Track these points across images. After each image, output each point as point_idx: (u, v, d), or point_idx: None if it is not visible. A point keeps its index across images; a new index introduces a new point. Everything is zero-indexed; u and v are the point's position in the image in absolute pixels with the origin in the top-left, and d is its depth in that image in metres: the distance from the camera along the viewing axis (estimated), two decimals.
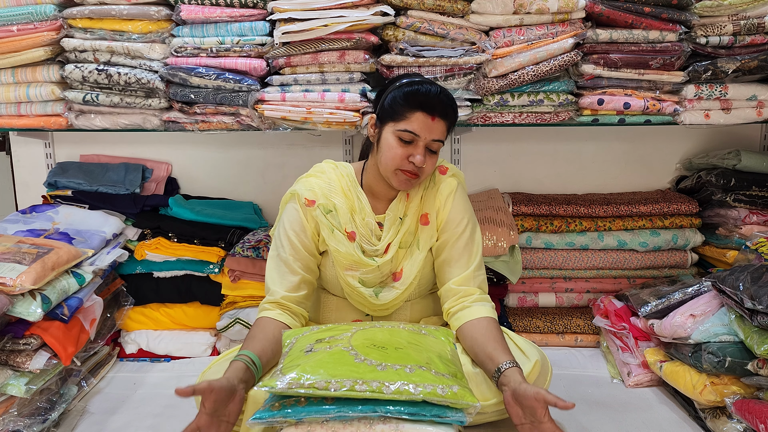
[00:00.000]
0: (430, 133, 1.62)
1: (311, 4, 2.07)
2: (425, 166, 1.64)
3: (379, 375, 1.24)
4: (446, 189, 1.73)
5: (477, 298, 1.66)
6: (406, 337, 1.44)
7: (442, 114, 1.62)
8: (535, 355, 1.61)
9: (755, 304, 1.67)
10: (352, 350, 1.32)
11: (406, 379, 1.23)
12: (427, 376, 1.26)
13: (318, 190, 1.71)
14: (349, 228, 1.71)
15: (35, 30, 2.15)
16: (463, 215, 1.73)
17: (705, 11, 2.15)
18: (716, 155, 2.52)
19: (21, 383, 1.78)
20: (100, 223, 2.27)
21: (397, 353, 1.34)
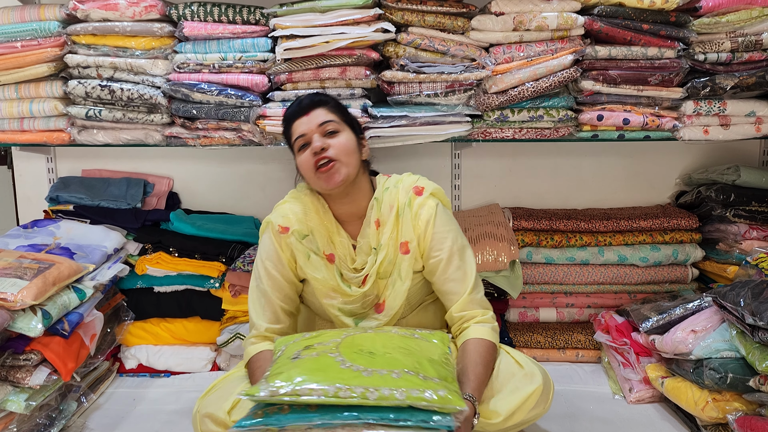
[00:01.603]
0: (311, 123, 1.67)
1: (313, 21, 2.09)
2: (332, 148, 1.65)
3: (364, 381, 1.22)
4: (425, 214, 1.69)
5: (478, 320, 1.66)
6: (396, 341, 1.43)
7: (311, 106, 1.70)
8: (539, 378, 1.59)
9: (756, 320, 1.67)
10: (338, 356, 1.31)
11: (392, 385, 1.21)
12: (415, 380, 1.24)
13: (292, 216, 1.72)
14: (327, 250, 1.71)
15: (39, 46, 2.17)
16: (447, 237, 1.69)
17: (703, 28, 2.16)
18: (716, 170, 2.53)
19: (21, 399, 1.77)
20: (101, 238, 2.28)
21: (384, 358, 1.32)
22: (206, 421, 1.57)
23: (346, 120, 1.72)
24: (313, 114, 1.68)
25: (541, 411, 1.62)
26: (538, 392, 1.56)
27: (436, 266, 1.70)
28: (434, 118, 2.21)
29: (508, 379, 1.60)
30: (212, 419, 1.56)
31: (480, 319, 1.67)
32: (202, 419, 1.57)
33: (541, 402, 1.59)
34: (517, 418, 1.56)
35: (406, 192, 1.72)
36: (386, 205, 1.72)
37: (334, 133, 1.67)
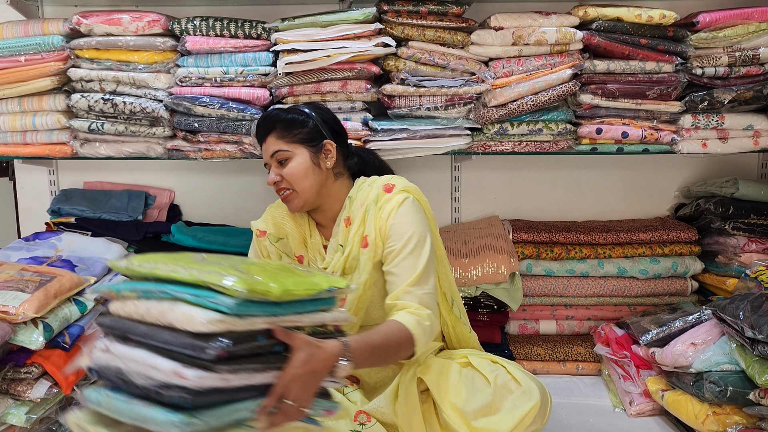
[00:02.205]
0: (267, 152, 1.73)
1: (314, 35, 2.11)
2: (286, 178, 1.70)
3: (200, 266, 1.20)
4: (388, 207, 1.67)
5: (408, 311, 1.55)
6: (276, 265, 1.45)
7: (264, 133, 1.73)
8: (536, 395, 1.57)
9: (756, 333, 1.67)
10: (203, 259, 1.30)
11: (204, 268, 1.18)
12: (229, 270, 1.17)
13: (271, 220, 1.83)
14: (298, 252, 1.79)
15: (42, 60, 2.18)
16: (407, 229, 1.64)
17: (700, 43, 2.19)
18: (714, 183, 2.54)
19: (21, 412, 1.77)
20: (102, 250, 2.28)
21: (241, 264, 1.29)
22: None
23: (297, 139, 1.70)
24: (267, 143, 1.72)
25: (539, 426, 1.61)
26: (536, 409, 1.55)
27: (387, 255, 1.66)
28: (434, 132, 2.22)
29: (506, 397, 1.58)
30: None
31: (412, 311, 1.56)
32: None
33: (539, 418, 1.58)
34: None
35: (377, 189, 1.71)
36: (357, 203, 1.73)
37: (284, 161, 1.71)
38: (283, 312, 1.22)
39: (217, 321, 1.09)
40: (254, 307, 1.15)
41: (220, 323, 1.09)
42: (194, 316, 1.10)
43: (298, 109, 1.75)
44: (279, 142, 1.70)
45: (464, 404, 1.56)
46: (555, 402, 2.12)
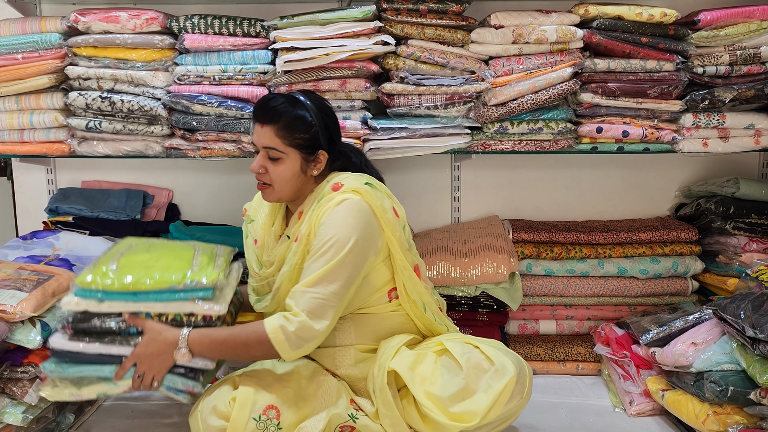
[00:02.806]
0: (260, 139, 1.71)
1: (313, 33, 2.10)
2: (269, 175, 1.71)
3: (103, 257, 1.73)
4: (327, 205, 1.66)
5: (284, 315, 1.57)
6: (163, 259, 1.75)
7: (264, 119, 1.69)
8: (511, 370, 1.56)
9: (756, 332, 1.66)
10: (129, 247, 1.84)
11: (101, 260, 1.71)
12: (102, 265, 1.67)
13: (254, 203, 1.94)
14: (257, 236, 1.87)
15: (40, 58, 2.17)
16: (331, 231, 1.61)
17: (701, 41, 2.18)
18: (715, 183, 2.53)
19: (18, 411, 1.76)
20: (100, 250, 2.25)
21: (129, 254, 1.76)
22: (210, 415, 1.59)
23: (294, 143, 1.68)
24: (263, 129, 1.69)
25: (519, 403, 1.61)
26: (511, 384, 1.55)
27: (309, 252, 1.65)
28: (434, 130, 2.22)
29: (480, 377, 1.58)
30: (216, 412, 1.58)
31: (287, 314, 1.57)
32: (203, 415, 1.60)
33: (517, 393, 1.57)
34: (494, 413, 1.55)
35: (327, 187, 1.72)
36: (312, 198, 1.75)
37: (276, 159, 1.70)
38: (140, 300, 1.61)
39: (74, 303, 1.59)
40: (113, 294, 1.60)
41: (76, 305, 1.59)
42: (66, 300, 1.61)
43: (305, 108, 1.70)
44: (276, 139, 1.68)
45: (440, 392, 1.57)
46: (555, 402, 2.13)
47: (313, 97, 1.77)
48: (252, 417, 1.57)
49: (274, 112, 1.68)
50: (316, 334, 1.58)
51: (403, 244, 1.74)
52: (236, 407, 1.57)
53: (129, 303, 1.62)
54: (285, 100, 1.70)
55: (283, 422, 1.60)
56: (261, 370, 1.72)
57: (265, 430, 1.58)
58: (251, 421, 1.57)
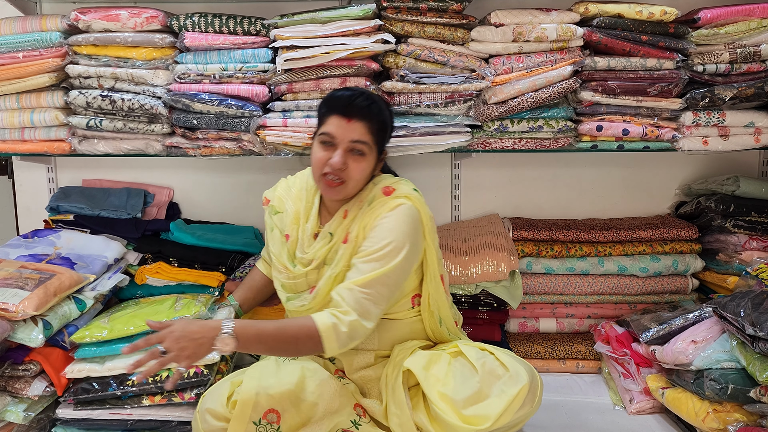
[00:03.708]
0: (346, 133, 1.65)
1: (313, 32, 2.10)
2: (348, 171, 1.67)
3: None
4: (380, 209, 1.67)
5: (333, 312, 1.56)
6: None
7: (358, 114, 1.66)
8: (524, 377, 1.58)
9: (756, 330, 1.67)
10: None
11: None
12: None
13: (278, 193, 1.89)
14: (288, 231, 1.82)
15: (40, 57, 2.18)
16: (387, 235, 1.62)
17: (702, 40, 2.18)
18: (715, 181, 2.53)
19: (19, 409, 1.77)
20: (101, 248, 2.27)
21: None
22: (207, 417, 1.59)
23: (376, 141, 1.71)
24: (353, 124, 1.65)
25: (529, 411, 1.61)
26: (524, 392, 1.55)
27: (359, 252, 1.65)
28: (434, 129, 2.22)
29: (494, 383, 1.60)
30: (212, 414, 1.58)
31: (337, 312, 1.55)
32: (202, 416, 1.60)
33: (528, 401, 1.58)
34: (504, 419, 1.56)
35: (376, 190, 1.74)
36: (359, 199, 1.75)
37: (359, 154, 1.68)
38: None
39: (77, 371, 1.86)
40: (110, 345, 1.87)
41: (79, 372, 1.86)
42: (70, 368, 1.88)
43: (386, 109, 1.73)
44: (368, 135, 1.67)
45: (453, 394, 1.58)
46: (555, 400, 2.13)
47: (382, 98, 1.79)
48: (252, 421, 1.57)
49: (370, 110, 1.68)
50: (363, 333, 1.59)
51: (438, 253, 1.79)
52: (237, 409, 1.57)
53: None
54: (374, 98, 1.71)
55: (283, 427, 1.59)
56: (263, 370, 1.70)
57: None
58: (251, 424, 1.56)
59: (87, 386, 1.83)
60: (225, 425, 1.57)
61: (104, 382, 1.83)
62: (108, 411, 1.84)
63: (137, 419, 1.85)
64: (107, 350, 1.87)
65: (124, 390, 1.82)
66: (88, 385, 1.83)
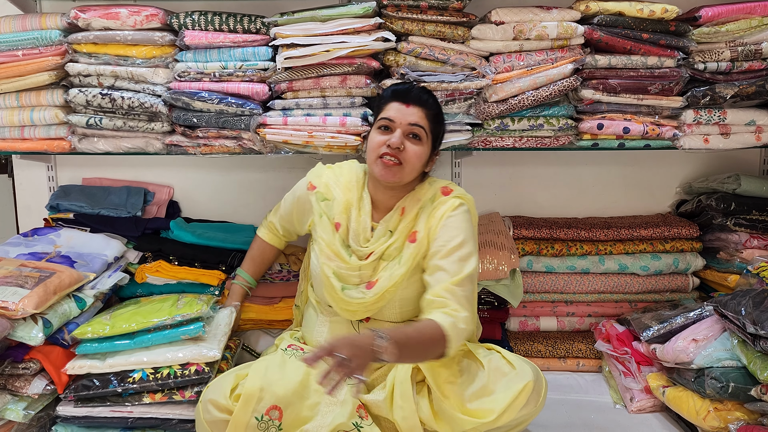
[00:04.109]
0: (404, 116, 1.71)
1: (314, 30, 2.10)
2: (406, 153, 1.71)
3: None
4: (442, 209, 1.74)
5: (445, 311, 1.58)
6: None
7: (416, 101, 1.73)
8: (529, 375, 1.61)
9: (757, 329, 1.66)
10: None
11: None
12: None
13: (324, 180, 1.90)
14: (337, 219, 1.82)
15: (40, 55, 2.17)
16: (458, 234, 1.70)
17: (702, 38, 2.17)
18: (716, 179, 2.53)
19: (19, 408, 1.77)
20: (101, 247, 2.27)
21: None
22: (209, 407, 1.60)
23: (433, 131, 1.76)
24: (411, 109, 1.72)
25: (533, 410, 1.62)
26: (528, 388, 1.57)
27: (437, 251, 1.69)
28: None
29: (499, 379, 1.63)
30: (215, 405, 1.59)
31: (449, 311, 1.58)
32: (204, 406, 1.61)
33: (532, 400, 1.59)
34: (509, 416, 1.57)
35: (435, 189, 1.80)
36: (415, 197, 1.80)
37: (416, 138, 1.73)
38: (138, 345, 1.88)
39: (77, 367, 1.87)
40: (112, 341, 1.88)
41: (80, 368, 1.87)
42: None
43: (443, 114, 1.82)
44: (426, 121, 1.73)
45: (460, 389, 1.60)
46: (556, 399, 2.13)
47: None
48: (255, 416, 1.58)
49: (428, 100, 1.76)
50: (472, 329, 1.64)
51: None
52: (240, 403, 1.58)
53: (127, 351, 1.86)
54: (430, 93, 1.79)
55: (284, 423, 1.60)
56: (269, 365, 1.70)
57: (265, 430, 1.59)
58: (253, 419, 1.58)
59: (87, 383, 1.83)
60: (227, 417, 1.58)
61: (105, 379, 1.83)
62: (108, 408, 1.83)
63: (138, 417, 1.85)
64: (108, 346, 1.87)
65: (124, 387, 1.82)
66: (88, 382, 1.83)
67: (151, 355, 1.85)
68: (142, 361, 1.84)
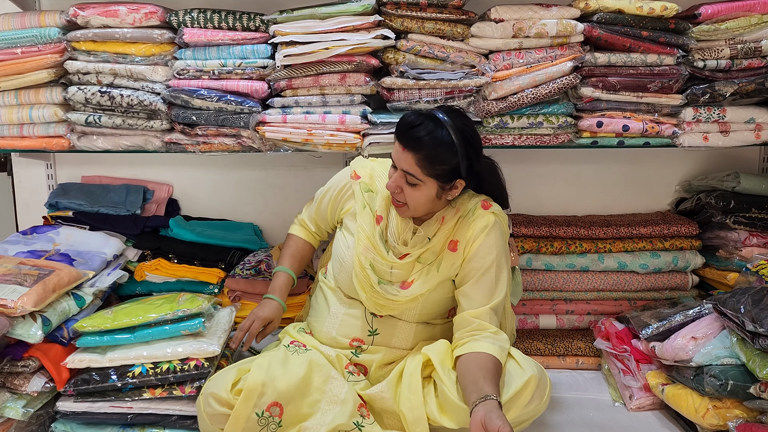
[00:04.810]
0: (399, 161, 1.71)
1: (313, 27, 2.10)
2: (405, 195, 1.72)
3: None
4: (482, 222, 1.76)
5: (488, 335, 1.67)
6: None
7: (408, 145, 1.68)
8: (532, 370, 1.63)
9: (756, 326, 1.66)
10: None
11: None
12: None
13: (370, 171, 1.90)
14: (379, 212, 1.83)
15: (39, 52, 2.17)
16: (492, 251, 1.75)
17: (702, 35, 2.17)
18: (715, 177, 2.53)
19: (18, 406, 1.77)
20: (100, 245, 2.27)
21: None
22: (210, 401, 1.61)
23: (433, 174, 1.69)
24: (405, 154, 1.69)
25: (537, 407, 1.63)
26: (532, 383, 1.59)
27: (472, 272, 1.75)
28: None
29: (505, 375, 1.65)
30: (216, 398, 1.59)
31: (490, 335, 1.67)
32: (205, 399, 1.61)
33: (537, 397, 1.61)
34: (513, 413, 1.59)
35: (475, 202, 1.82)
36: (455, 207, 1.82)
37: (413, 185, 1.71)
38: (138, 339, 1.89)
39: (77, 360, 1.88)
40: (112, 335, 1.89)
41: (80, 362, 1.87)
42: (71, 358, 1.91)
43: (451, 140, 1.68)
44: (416, 167, 1.69)
45: None
46: (555, 397, 2.13)
47: (460, 121, 1.73)
48: (255, 411, 1.58)
49: (419, 142, 1.67)
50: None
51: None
52: (242, 397, 1.58)
53: (127, 345, 1.87)
54: (432, 128, 1.67)
55: (284, 420, 1.61)
56: (272, 360, 1.70)
57: (265, 426, 1.59)
58: (254, 414, 1.58)
59: (87, 377, 1.83)
60: (227, 411, 1.59)
61: (104, 373, 1.83)
62: (108, 404, 1.83)
63: (137, 413, 1.85)
64: (109, 340, 1.87)
65: (124, 381, 1.81)
66: (88, 376, 1.83)
67: (151, 350, 1.85)
68: (141, 355, 1.84)
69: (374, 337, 1.82)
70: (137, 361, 1.84)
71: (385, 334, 1.82)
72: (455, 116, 1.73)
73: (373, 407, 1.71)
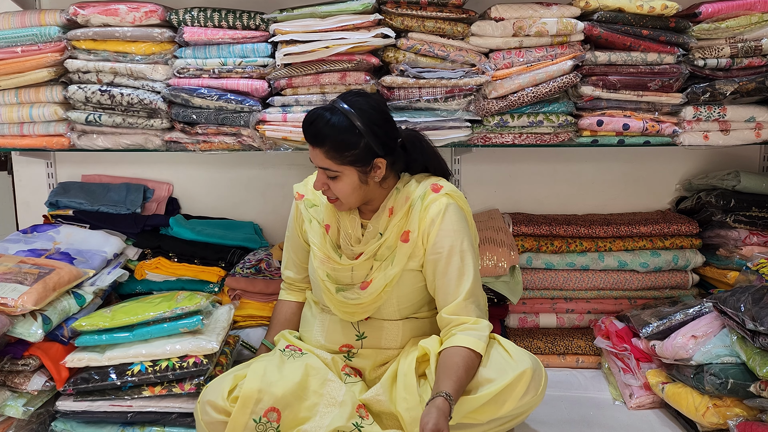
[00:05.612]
0: (314, 160, 1.72)
1: (313, 26, 2.10)
2: (333, 190, 1.72)
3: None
4: (434, 209, 1.72)
5: (465, 327, 1.66)
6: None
7: (312, 142, 1.69)
8: (527, 363, 1.61)
9: (756, 325, 1.66)
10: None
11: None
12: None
13: (309, 187, 1.90)
14: (327, 221, 1.83)
15: (39, 51, 2.17)
16: (451, 238, 1.70)
17: (703, 34, 2.17)
18: (716, 176, 2.53)
19: (19, 404, 1.77)
20: (101, 243, 2.27)
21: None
22: (207, 409, 1.60)
23: (346, 161, 1.67)
24: (315, 151, 1.69)
25: (533, 399, 1.62)
26: (526, 376, 1.58)
27: (435, 263, 1.71)
28: (434, 124, 2.21)
29: (498, 367, 1.63)
30: (212, 406, 1.59)
31: (468, 326, 1.66)
32: (203, 407, 1.61)
33: (532, 389, 1.60)
34: (508, 406, 1.58)
35: (424, 187, 1.77)
36: (403, 195, 1.78)
37: (333, 178, 1.71)
38: (137, 338, 1.89)
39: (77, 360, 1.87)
40: (111, 334, 1.89)
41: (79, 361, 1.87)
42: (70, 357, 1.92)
43: (350, 123, 1.65)
44: (327, 161, 1.68)
45: None
46: (555, 395, 2.13)
47: (361, 103, 1.69)
48: (253, 417, 1.57)
49: (319, 135, 1.66)
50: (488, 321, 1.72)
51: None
52: (238, 405, 1.57)
53: (126, 344, 1.87)
54: (329, 118, 1.65)
55: (282, 425, 1.60)
56: (268, 365, 1.69)
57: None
58: (251, 421, 1.57)
59: (86, 376, 1.83)
60: (225, 418, 1.58)
61: (104, 372, 1.83)
62: (108, 402, 1.84)
63: (137, 411, 1.85)
64: (108, 339, 1.87)
65: (123, 380, 1.82)
66: (87, 375, 1.83)
67: (149, 348, 1.85)
68: (140, 353, 1.84)
69: (363, 341, 1.81)
70: (136, 359, 1.84)
71: (373, 337, 1.81)
72: (354, 99, 1.70)
73: (371, 410, 1.71)
